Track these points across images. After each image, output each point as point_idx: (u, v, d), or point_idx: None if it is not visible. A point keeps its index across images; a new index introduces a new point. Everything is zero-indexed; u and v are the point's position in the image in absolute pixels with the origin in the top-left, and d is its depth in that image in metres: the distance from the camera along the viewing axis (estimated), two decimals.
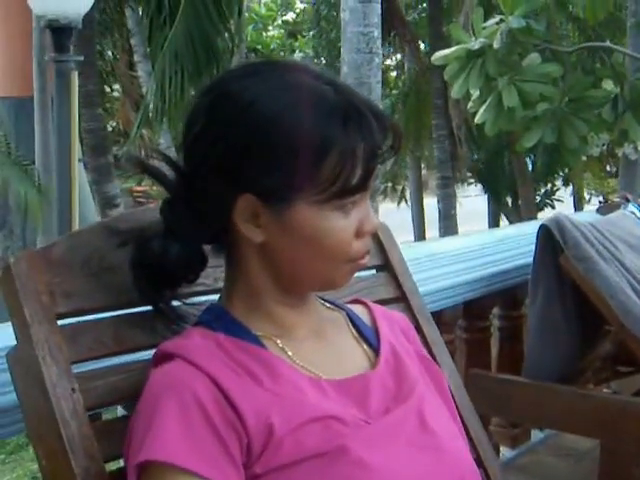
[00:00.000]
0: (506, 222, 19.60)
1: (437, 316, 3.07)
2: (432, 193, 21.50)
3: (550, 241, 3.00)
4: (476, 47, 6.99)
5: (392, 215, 20.46)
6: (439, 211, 16.92)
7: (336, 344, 1.46)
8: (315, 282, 1.40)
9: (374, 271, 1.96)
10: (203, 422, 1.21)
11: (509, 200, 19.56)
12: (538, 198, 20.05)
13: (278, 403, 1.27)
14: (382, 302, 1.82)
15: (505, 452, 3.66)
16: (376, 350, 1.48)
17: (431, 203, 19.12)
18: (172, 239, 1.39)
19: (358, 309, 1.58)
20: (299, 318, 1.42)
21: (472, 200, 22.34)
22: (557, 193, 21.32)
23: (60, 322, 1.39)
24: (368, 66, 7.59)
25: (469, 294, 3.18)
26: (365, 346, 1.49)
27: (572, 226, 2.97)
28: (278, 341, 1.38)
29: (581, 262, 2.92)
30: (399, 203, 21.83)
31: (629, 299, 2.89)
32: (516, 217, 18.11)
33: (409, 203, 21.20)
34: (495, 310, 3.52)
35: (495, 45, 6.86)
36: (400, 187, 22.28)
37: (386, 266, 1.95)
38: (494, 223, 20.35)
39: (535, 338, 3.16)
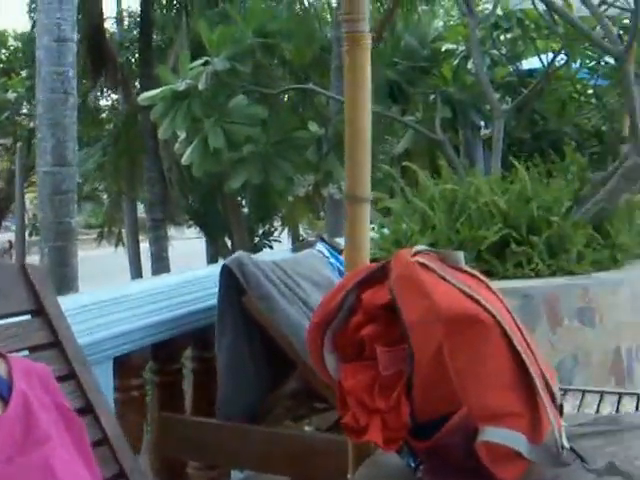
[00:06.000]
0: None
1: (125, 360, 3.01)
2: None
3: (234, 281, 3.01)
4: (182, 88, 6.95)
5: (109, 260, 20.16)
6: (151, 254, 16.90)
7: None
8: None
9: (29, 317, 1.89)
10: None
11: (228, 242, 19.68)
12: (257, 239, 20.30)
13: None
14: (36, 348, 1.78)
15: None
16: (7, 402, 1.44)
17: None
18: None
19: None
20: None
21: (192, 242, 22.34)
22: (278, 234, 21.64)
23: None
24: (63, 106, 7.58)
25: (157, 336, 3.15)
26: None
27: (253, 265, 2.99)
28: None
29: (262, 301, 2.96)
30: (116, 246, 21.45)
31: None
32: None
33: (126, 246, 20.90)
34: (188, 352, 3.48)
35: (200, 86, 6.86)
36: (117, 230, 21.92)
37: (40, 311, 1.88)
38: None
39: (225, 379, 3.15)
